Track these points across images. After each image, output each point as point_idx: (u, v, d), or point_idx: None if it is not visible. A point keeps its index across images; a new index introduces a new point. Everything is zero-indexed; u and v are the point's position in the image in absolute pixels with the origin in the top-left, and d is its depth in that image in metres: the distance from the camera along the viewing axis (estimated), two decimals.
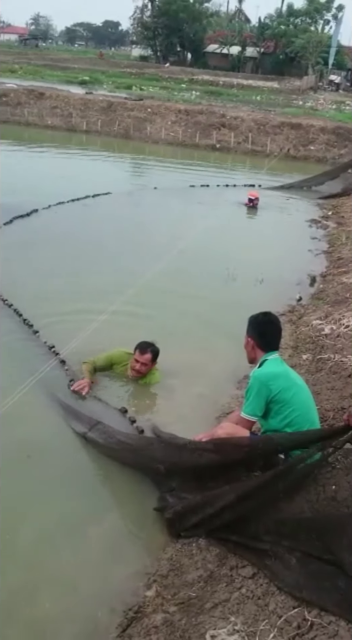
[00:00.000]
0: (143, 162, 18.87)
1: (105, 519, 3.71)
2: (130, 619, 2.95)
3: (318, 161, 20.48)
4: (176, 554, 3.29)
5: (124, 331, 5.91)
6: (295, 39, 53.91)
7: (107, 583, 3.22)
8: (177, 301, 7.06)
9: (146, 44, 65.57)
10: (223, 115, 22.88)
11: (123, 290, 6.36)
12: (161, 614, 2.92)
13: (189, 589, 3.04)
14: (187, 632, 2.75)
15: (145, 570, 3.26)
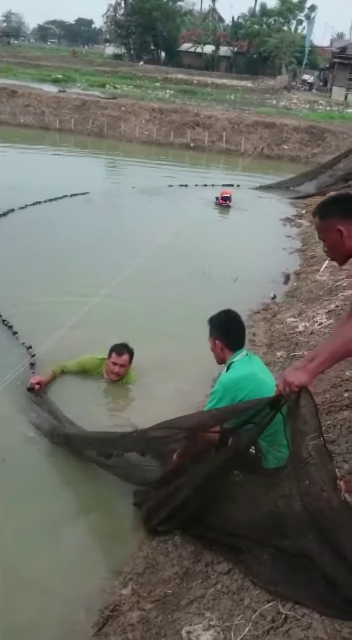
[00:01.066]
0: (119, 161, 18.83)
1: (80, 520, 3.72)
2: (107, 618, 2.95)
3: (292, 160, 20.66)
4: (152, 552, 3.30)
5: (99, 330, 5.91)
6: (268, 39, 54.23)
7: (84, 583, 3.23)
8: (152, 300, 7.07)
9: (120, 42, 65.33)
10: (197, 114, 22.94)
11: (98, 289, 6.36)
12: (137, 611, 2.93)
13: (165, 586, 3.05)
14: (163, 628, 2.76)
15: (121, 568, 3.27)
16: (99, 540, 3.59)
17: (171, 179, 14.98)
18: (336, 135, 21.64)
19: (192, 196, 13.40)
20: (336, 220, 2.70)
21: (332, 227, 2.72)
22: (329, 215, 2.75)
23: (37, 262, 7.84)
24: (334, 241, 2.73)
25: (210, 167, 18.90)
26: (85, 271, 7.76)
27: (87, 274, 7.61)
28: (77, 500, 3.89)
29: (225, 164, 19.60)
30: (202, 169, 18.21)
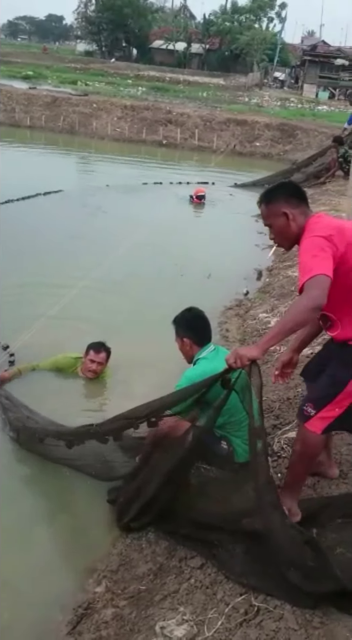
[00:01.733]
0: (91, 158, 18.72)
1: (53, 520, 3.70)
2: (80, 616, 2.95)
3: (264, 157, 20.79)
4: (126, 549, 3.30)
5: (73, 328, 5.90)
6: (240, 36, 54.36)
7: (58, 582, 3.21)
8: (126, 297, 7.08)
9: (91, 39, 64.87)
10: (169, 111, 22.93)
11: (70, 289, 6.34)
12: (111, 608, 2.94)
13: (138, 583, 3.06)
14: (137, 624, 2.77)
15: (95, 566, 3.26)
16: (72, 539, 3.58)
17: (145, 176, 14.94)
18: (307, 132, 21.83)
19: (167, 194, 13.41)
20: (281, 204, 2.75)
21: (278, 212, 2.76)
22: (275, 199, 2.80)
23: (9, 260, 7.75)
24: (281, 225, 2.78)
25: (183, 165, 18.90)
26: (59, 269, 7.70)
27: (61, 273, 7.55)
28: (49, 499, 3.86)
29: (198, 161, 19.64)
30: (176, 167, 18.20)
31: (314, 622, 2.43)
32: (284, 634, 2.39)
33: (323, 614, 2.46)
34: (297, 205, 2.75)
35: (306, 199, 2.85)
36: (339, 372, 2.76)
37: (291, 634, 2.39)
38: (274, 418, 4.29)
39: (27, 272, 7.44)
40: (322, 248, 2.50)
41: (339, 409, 2.74)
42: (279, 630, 2.41)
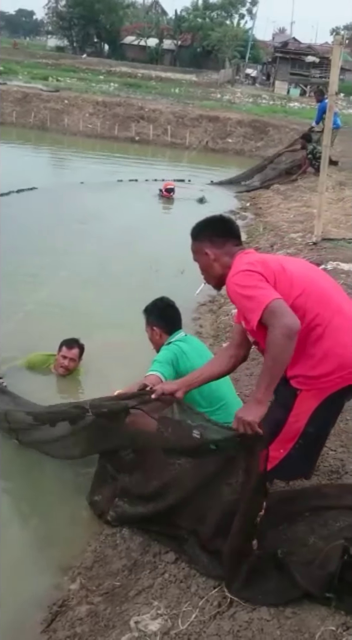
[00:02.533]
0: (64, 154, 18.54)
1: (26, 517, 3.69)
2: (55, 614, 2.94)
3: (236, 153, 20.90)
4: (100, 546, 3.30)
5: (48, 324, 5.89)
6: (211, 33, 54.46)
7: (32, 581, 3.20)
8: (100, 294, 7.08)
9: (62, 34, 64.27)
10: (141, 107, 22.88)
11: (44, 285, 6.33)
12: (86, 605, 2.94)
13: (113, 579, 3.06)
14: (112, 620, 2.78)
15: (70, 563, 3.26)
16: (47, 537, 3.56)
17: (120, 173, 14.88)
18: (278, 128, 21.98)
19: (142, 190, 13.33)
20: (204, 244, 2.74)
21: (201, 250, 2.75)
22: (199, 237, 2.78)
23: None
24: (205, 264, 2.77)
25: (156, 161, 18.88)
26: (37, 266, 7.68)
27: (34, 270, 7.52)
28: (22, 497, 3.84)
29: (170, 158, 19.64)
30: (150, 163, 18.17)
31: (286, 612, 2.46)
32: (257, 625, 2.42)
33: (295, 604, 2.49)
34: (221, 245, 2.71)
35: (235, 234, 2.77)
36: (277, 411, 2.62)
37: (264, 624, 2.42)
38: None
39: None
40: (260, 279, 2.45)
41: (283, 450, 2.57)
42: (252, 622, 2.44)
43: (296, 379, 2.53)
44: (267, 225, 10.66)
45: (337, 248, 8.01)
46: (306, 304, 2.47)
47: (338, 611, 2.37)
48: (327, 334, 2.46)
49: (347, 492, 2.99)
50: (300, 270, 2.62)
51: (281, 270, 2.53)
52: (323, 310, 2.47)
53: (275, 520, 2.96)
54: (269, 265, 2.54)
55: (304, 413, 2.52)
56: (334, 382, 2.47)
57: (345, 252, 7.78)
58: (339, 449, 3.52)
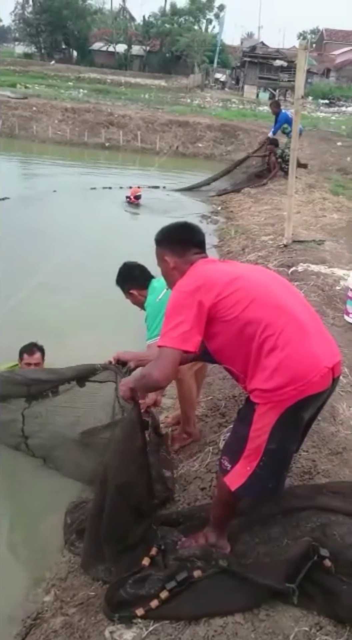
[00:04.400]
0: (34, 162, 18.34)
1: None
2: (29, 627, 2.92)
3: (207, 158, 20.98)
4: (74, 556, 3.28)
5: (19, 332, 5.81)
6: (180, 38, 54.65)
7: (5, 595, 3.17)
8: (71, 300, 7.08)
9: (30, 41, 63.89)
10: (111, 113, 22.85)
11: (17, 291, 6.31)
12: (60, 617, 2.90)
13: (88, 589, 3.03)
14: (87, 631, 2.74)
15: (44, 575, 3.23)
16: (19, 550, 3.53)
17: (92, 181, 14.80)
18: (248, 132, 22.14)
19: (116, 198, 13.23)
20: (164, 251, 2.73)
21: (162, 256, 2.75)
22: (160, 244, 2.77)
23: None
24: (164, 270, 2.77)
25: (127, 167, 18.85)
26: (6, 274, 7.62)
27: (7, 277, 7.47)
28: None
29: (141, 164, 19.63)
30: (123, 170, 18.08)
31: (260, 615, 2.46)
32: (231, 629, 2.42)
33: (269, 606, 2.50)
34: (181, 254, 2.68)
35: (196, 243, 2.74)
36: (239, 426, 2.60)
37: (238, 628, 2.43)
38: (220, 416, 4.35)
39: None
40: (183, 307, 2.41)
41: (249, 468, 2.50)
42: (227, 626, 2.44)
43: (253, 393, 2.47)
44: (238, 228, 10.72)
45: (308, 250, 8.10)
46: (255, 315, 2.41)
47: (311, 612, 2.39)
48: (280, 345, 2.38)
49: (319, 493, 3.02)
50: (254, 280, 2.56)
51: (229, 284, 2.47)
52: (276, 320, 2.41)
53: (248, 523, 2.98)
54: (214, 282, 2.48)
55: (264, 428, 2.44)
56: (288, 394, 2.38)
57: (315, 254, 7.86)
58: (311, 449, 3.54)
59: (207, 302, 2.42)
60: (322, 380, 2.41)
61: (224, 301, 2.43)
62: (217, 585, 2.63)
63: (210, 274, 2.53)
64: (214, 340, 2.54)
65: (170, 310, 2.46)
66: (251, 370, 2.46)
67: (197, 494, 3.46)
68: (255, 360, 2.44)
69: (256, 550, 2.82)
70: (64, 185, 13.84)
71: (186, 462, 3.89)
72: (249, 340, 2.42)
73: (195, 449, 3.99)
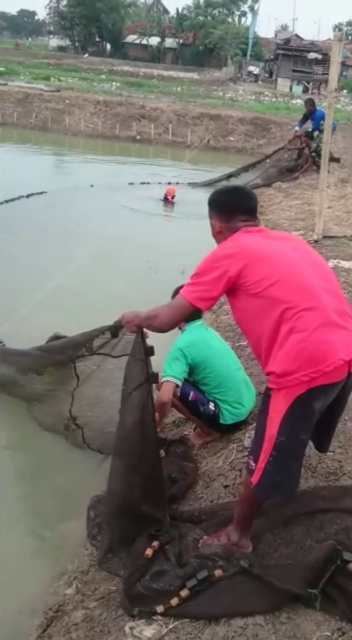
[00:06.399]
0: (68, 156, 18.38)
1: (23, 522, 3.67)
2: (51, 619, 2.92)
3: (238, 152, 20.81)
4: (97, 550, 3.28)
5: (50, 320, 5.87)
6: (213, 30, 54.43)
7: (27, 587, 3.19)
8: (99, 293, 7.10)
9: (64, 34, 64.41)
10: (142, 106, 22.84)
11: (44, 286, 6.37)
12: (81, 610, 2.91)
13: (109, 583, 3.03)
14: (107, 626, 2.74)
15: (66, 568, 3.24)
16: (41, 542, 3.55)
17: (128, 175, 14.71)
18: (280, 126, 21.90)
19: (155, 194, 13.06)
20: (212, 213, 2.74)
21: (210, 217, 2.76)
22: (209, 205, 2.77)
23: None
24: (212, 232, 2.77)
25: (157, 161, 18.79)
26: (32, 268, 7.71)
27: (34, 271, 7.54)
28: (16, 503, 3.83)
29: (172, 157, 19.57)
30: (159, 165, 17.91)
31: (281, 618, 2.43)
32: (251, 630, 2.40)
33: (290, 609, 2.46)
34: (227, 219, 2.67)
35: (245, 210, 2.70)
36: (258, 419, 2.56)
37: (258, 630, 2.40)
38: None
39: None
40: (211, 269, 2.46)
41: (263, 464, 2.45)
42: (247, 627, 2.42)
43: (269, 378, 2.43)
44: (268, 223, 10.58)
45: (339, 245, 7.97)
46: (279, 294, 2.36)
47: (333, 616, 2.35)
48: (298, 329, 2.32)
49: (344, 495, 2.96)
50: (288, 258, 2.49)
51: (260, 258, 2.45)
52: (299, 303, 2.34)
53: (271, 523, 2.94)
54: (247, 253, 2.47)
55: (275, 418, 2.38)
56: (299, 380, 2.31)
57: (346, 250, 7.73)
58: (337, 449, 3.47)
59: (232, 272, 2.43)
60: (336, 372, 2.33)
61: (250, 274, 2.42)
62: (238, 585, 2.60)
63: (246, 245, 2.52)
64: (237, 311, 2.58)
65: (201, 266, 2.52)
66: (266, 350, 2.42)
67: (220, 492, 3.43)
68: (271, 340, 2.39)
69: (278, 552, 2.78)
70: (101, 180, 13.77)
71: (210, 459, 3.85)
72: (268, 319, 2.38)
73: (219, 446, 3.95)
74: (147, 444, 2.98)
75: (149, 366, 2.88)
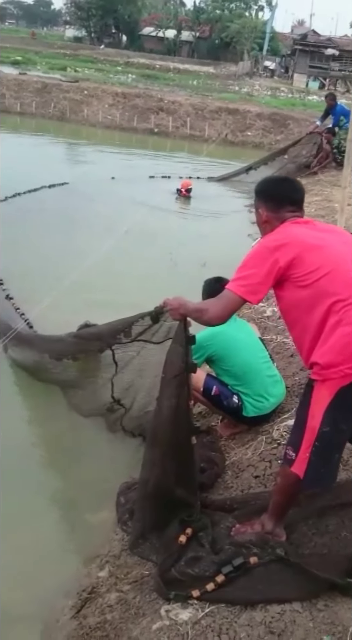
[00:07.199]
0: (86, 147, 18.25)
1: (53, 508, 3.72)
2: (85, 600, 2.97)
3: (255, 147, 20.69)
4: (128, 535, 3.32)
5: (75, 307, 5.92)
6: (230, 24, 54.20)
7: (60, 569, 3.24)
8: (121, 287, 7.12)
9: (80, 24, 64.25)
10: (161, 99, 22.76)
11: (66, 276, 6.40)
12: (115, 592, 2.95)
13: (142, 568, 3.08)
14: (142, 608, 2.79)
15: (98, 552, 3.29)
16: (73, 527, 3.61)
17: (148, 168, 14.63)
18: (298, 122, 21.78)
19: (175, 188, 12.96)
20: (259, 202, 2.75)
21: (257, 207, 2.77)
22: (257, 194, 2.79)
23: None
24: (258, 221, 2.79)
25: (175, 155, 18.73)
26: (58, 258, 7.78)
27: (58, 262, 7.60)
28: (50, 487, 3.90)
29: (189, 150, 19.52)
30: (180, 159, 17.80)
31: (319, 605, 2.47)
32: (289, 616, 2.43)
33: (327, 597, 2.50)
34: (275, 209, 2.68)
35: (293, 201, 2.71)
36: (299, 410, 2.60)
37: (296, 616, 2.43)
38: None
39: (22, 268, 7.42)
40: (260, 260, 2.48)
41: (307, 454, 2.47)
42: (284, 613, 2.45)
43: (313, 369, 2.47)
44: None
45: None
46: (329, 287, 2.40)
47: None
48: (345, 322, 2.36)
49: None
50: (337, 251, 2.51)
51: (310, 249, 2.47)
52: (348, 297, 2.38)
53: (305, 514, 2.98)
54: (297, 244, 2.48)
55: (319, 409, 2.42)
56: (343, 372, 2.36)
57: None
58: None
59: (283, 262, 2.45)
60: None
61: (300, 266, 2.45)
62: (273, 573, 2.64)
63: (295, 236, 2.54)
64: (283, 301, 2.58)
65: (248, 258, 2.53)
66: (311, 341, 2.46)
67: (250, 482, 3.47)
68: (317, 332, 2.43)
69: (313, 541, 2.82)
70: (122, 173, 13.68)
71: (238, 450, 3.89)
72: (317, 310, 2.42)
73: (247, 438, 3.99)
74: (182, 430, 3.02)
75: (190, 355, 2.91)
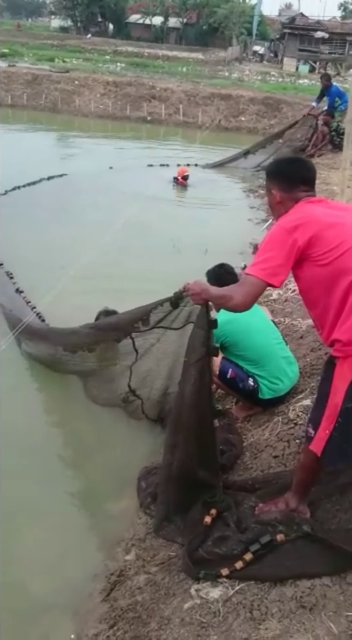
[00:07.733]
0: (80, 137, 18.11)
1: (76, 498, 3.75)
2: (114, 583, 3.02)
3: (249, 132, 20.62)
4: (151, 518, 3.36)
5: (77, 300, 5.92)
6: (217, 9, 53.58)
7: (88, 553, 3.30)
8: (126, 275, 7.14)
9: (65, 14, 63.38)
10: (153, 86, 22.64)
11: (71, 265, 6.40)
12: (143, 575, 3.00)
13: (168, 550, 3.12)
14: (171, 589, 2.83)
15: (122, 536, 3.33)
16: (97, 512, 3.65)
17: (145, 156, 14.60)
18: (291, 105, 21.71)
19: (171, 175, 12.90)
20: (272, 183, 2.74)
21: (269, 188, 2.76)
22: (269, 175, 2.79)
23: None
24: (271, 202, 2.79)
25: (169, 142, 18.66)
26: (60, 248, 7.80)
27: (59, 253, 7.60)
28: (74, 476, 3.95)
29: (183, 137, 19.45)
30: (176, 146, 17.70)
31: (348, 579, 2.51)
32: (319, 591, 2.48)
33: None
34: (288, 189, 2.67)
35: (306, 181, 2.71)
36: (320, 387, 2.63)
37: (326, 590, 2.48)
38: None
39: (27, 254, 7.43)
40: (279, 243, 2.47)
41: (328, 431, 2.50)
42: (314, 588, 2.50)
43: (334, 347, 2.49)
44: None
45: None
46: (348, 263, 2.43)
47: None
48: None
49: None
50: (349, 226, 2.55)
51: (328, 228, 2.49)
52: None
53: (327, 491, 3.01)
54: (314, 223, 2.49)
55: (341, 385, 2.44)
56: None
57: None
58: None
59: (301, 242, 2.45)
60: None
61: (319, 244, 2.46)
62: (301, 549, 2.68)
63: (312, 215, 2.54)
64: (303, 281, 2.58)
65: (266, 242, 2.53)
66: (332, 319, 2.49)
67: (270, 462, 3.51)
68: (338, 309, 2.46)
69: (337, 517, 2.86)
70: (119, 162, 13.66)
71: (255, 432, 3.93)
72: (337, 288, 2.45)
73: (263, 419, 4.02)
74: (205, 414, 3.05)
75: (211, 339, 2.93)
